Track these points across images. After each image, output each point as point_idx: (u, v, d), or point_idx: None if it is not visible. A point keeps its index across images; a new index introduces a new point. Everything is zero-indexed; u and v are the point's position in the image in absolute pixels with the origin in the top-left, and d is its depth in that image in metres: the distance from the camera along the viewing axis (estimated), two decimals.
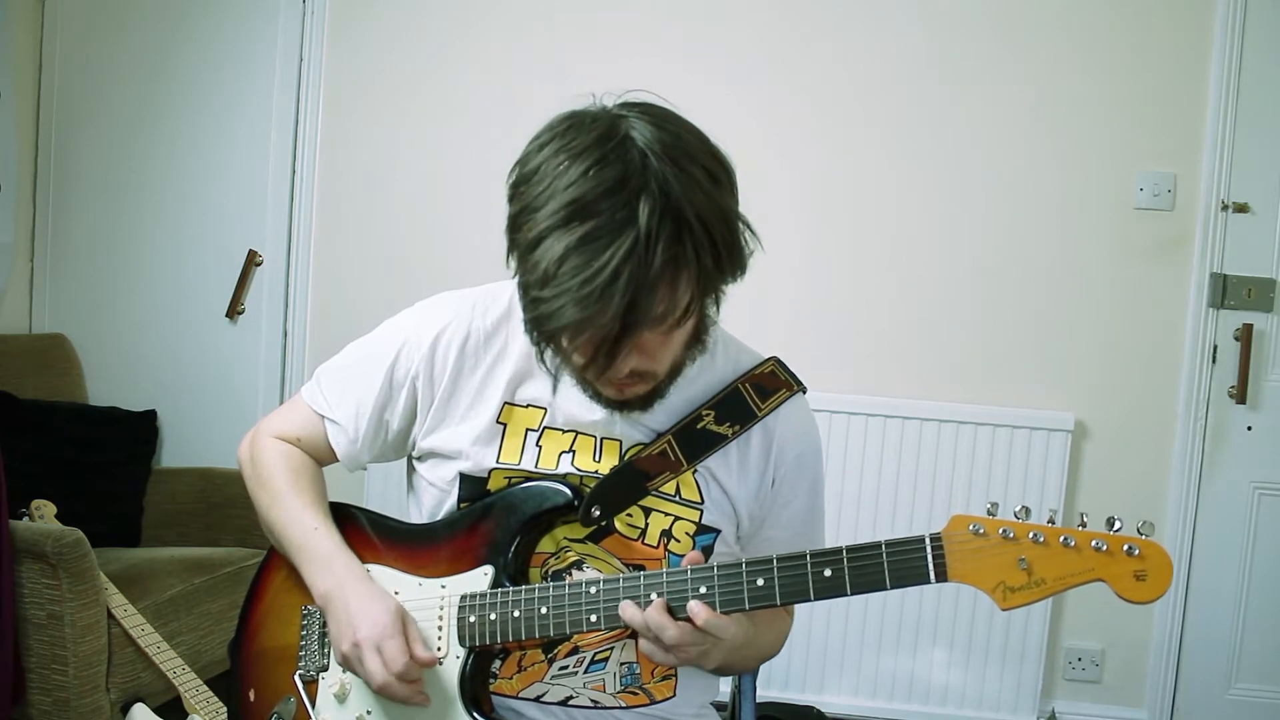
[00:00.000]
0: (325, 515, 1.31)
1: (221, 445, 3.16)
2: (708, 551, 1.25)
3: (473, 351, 1.28)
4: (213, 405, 3.19)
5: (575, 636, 1.23)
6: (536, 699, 1.25)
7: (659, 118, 1.08)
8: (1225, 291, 2.77)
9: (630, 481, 1.22)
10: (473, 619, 1.21)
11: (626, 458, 1.23)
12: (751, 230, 1.11)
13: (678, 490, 1.24)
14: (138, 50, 3.18)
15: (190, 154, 3.18)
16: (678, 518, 1.24)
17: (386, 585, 1.25)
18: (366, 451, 1.34)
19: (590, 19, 2.95)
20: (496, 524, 1.23)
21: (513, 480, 1.25)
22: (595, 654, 1.25)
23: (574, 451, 1.24)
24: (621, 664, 1.25)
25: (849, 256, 2.93)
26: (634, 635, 1.23)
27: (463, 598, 1.22)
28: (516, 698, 1.25)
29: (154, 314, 3.22)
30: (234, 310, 3.18)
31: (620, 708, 1.26)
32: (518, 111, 3.04)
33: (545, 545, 1.25)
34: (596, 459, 1.24)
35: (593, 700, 1.25)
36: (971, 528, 1.03)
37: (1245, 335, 2.75)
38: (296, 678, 1.28)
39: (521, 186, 1.08)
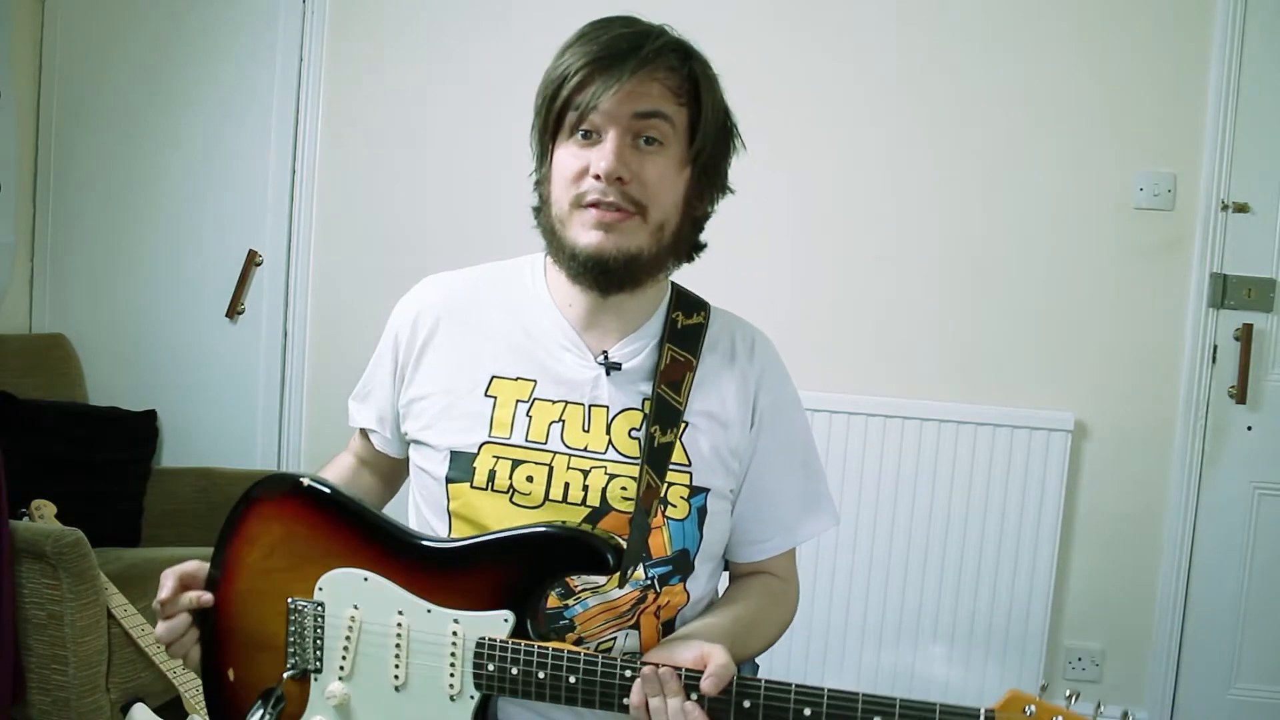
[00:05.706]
0: None
1: (221, 445, 3.17)
2: (701, 512, 1.25)
3: (454, 309, 1.33)
4: (213, 405, 3.19)
5: (580, 627, 1.22)
6: None
7: None
8: (1225, 291, 2.77)
9: (644, 523, 1.22)
10: (491, 667, 1.15)
11: (632, 515, 1.22)
12: (739, 134, 1.30)
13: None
14: (138, 50, 3.18)
15: (190, 154, 3.19)
16: (671, 484, 1.25)
17: (387, 601, 1.18)
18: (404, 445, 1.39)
19: (590, 20, 2.94)
20: (521, 567, 1.17)
21: (498, 462, 1.23)
22: (599, 644, 1.24)
23: (563, 422, 1.25)
24: (625, 654, 1.24)
25: (848, 256, 2.92)
26: (637, 624, 1.24)
27: (479, 641, 1.15)
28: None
29: (154, 314, 3.22)
30: (234, 310, 3.18)
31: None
32: (517, 112, 3.04)
33: None
34: (585, 429, 1.24)
35: None
36: (1026, 710, 1.06)
37: (1245, 335, 2.75)
38: (286, 677, 1.22)
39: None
